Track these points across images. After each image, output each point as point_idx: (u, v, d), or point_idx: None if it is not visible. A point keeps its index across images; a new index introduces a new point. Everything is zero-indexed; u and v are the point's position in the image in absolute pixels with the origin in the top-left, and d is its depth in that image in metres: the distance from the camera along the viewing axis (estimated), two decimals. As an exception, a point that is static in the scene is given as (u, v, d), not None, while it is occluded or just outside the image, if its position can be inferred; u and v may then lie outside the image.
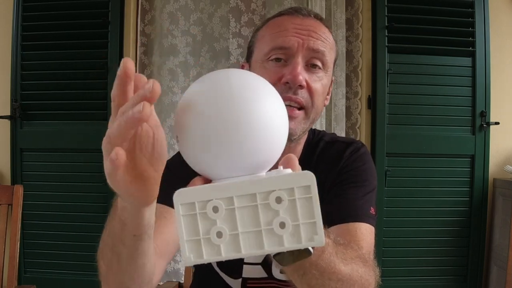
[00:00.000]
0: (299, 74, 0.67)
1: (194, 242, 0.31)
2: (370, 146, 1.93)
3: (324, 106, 0.79)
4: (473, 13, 1.92)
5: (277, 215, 0.31)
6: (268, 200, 0.31)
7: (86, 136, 1.90)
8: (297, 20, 0.72)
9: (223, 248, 0.31)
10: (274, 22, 0.74)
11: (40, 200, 1.90)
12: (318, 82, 0.71)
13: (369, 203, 0.74)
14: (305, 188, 0.31)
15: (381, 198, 1.88)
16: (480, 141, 1.92)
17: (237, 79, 0.36)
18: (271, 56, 0.71)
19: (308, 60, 0.70)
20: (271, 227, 0.31)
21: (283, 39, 0.70)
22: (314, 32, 0.71)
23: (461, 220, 1.93)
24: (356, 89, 1.97)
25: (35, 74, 1.93)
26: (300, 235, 0.31)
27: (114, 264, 0.51)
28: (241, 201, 0.31)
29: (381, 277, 0.61)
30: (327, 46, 0.72)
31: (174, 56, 1.98)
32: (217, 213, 0.30)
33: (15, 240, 1.30)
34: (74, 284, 1.89)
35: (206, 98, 0.35)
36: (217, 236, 0.30)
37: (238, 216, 0.31)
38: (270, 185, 0.31)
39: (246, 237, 0.31)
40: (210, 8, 1.98)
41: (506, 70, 1.99)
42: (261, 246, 0.31)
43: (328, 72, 0.74)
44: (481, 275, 1.94)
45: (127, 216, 0.43)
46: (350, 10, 1.98)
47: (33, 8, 1.91)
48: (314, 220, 0.31)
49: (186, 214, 0.31)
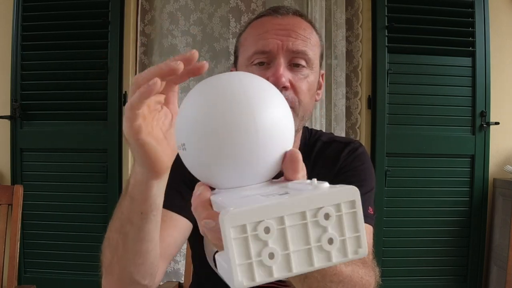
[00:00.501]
0: (281, 76, 0.67)
1: (246, 266, 0.29)
2: (370, 146, 1.93)
3: (316, 101, 0.79)
4: (473, 13, 1.92)
5: (326, 231, 0.31)
6: (317, 217, 0.30)
7: (86, 136, 1.90)
8: (276, 21, 0.72)
9: (275, 269, 0.30)
10: (254, 25, 0.75)
11: (40, 200, 1.90)
12: (303, 80, 0.71)
13: (367, 202, 0.74)
14: (351, 202, 0.31)
15: (381, 198, 1.88)
16: (480, 141, 1.92)
17: (245, 83, 0.36)
18: (254, 61, 0.71)
19: (291, 60, 0.70)
20: (320, 244, 0.31)
21: (263, 43, 0.70)
22: (293, 31, 0.70)
23: (461, 220, 1.93)
24: (356, 89, 1.97)
25: (35, 74, 1.93)
26: (346, 249, 0.31)
27: (120, 247, 0.52)
28: (291, 220, 0.30)
29: (381, 277, 0.61)
30: (308, 44, 0.71)
31: (173, 56, 1.97)
32: (268, 234, 0.30)
33: (15, 240, 1.30)
34: (74, 284, 1.89)
35: (215, 105, 0.34)
36: (269, 258, 0.30)
37: (289, 235, 0.30)
38: (319, 201, 0.30)
39: (297, 255, 0.30)
40: (210, 8, 1.98)
41: (506, 70, 1.99)
42: (311, 263, 0.31)
43: (314, 68, 0.73)
44: (481, 275, 1.94)
45: (137, 191, 0.47)
46: (350, 10, 1.98)
47: (33, 8, 1.91)
48: (359, 233, 0.31)
49: (237, 237, 0.29)
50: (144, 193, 0.47)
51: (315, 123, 1.88)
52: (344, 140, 0.82)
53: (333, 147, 0.80)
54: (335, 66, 1.93)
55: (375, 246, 0.79)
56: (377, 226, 1.90)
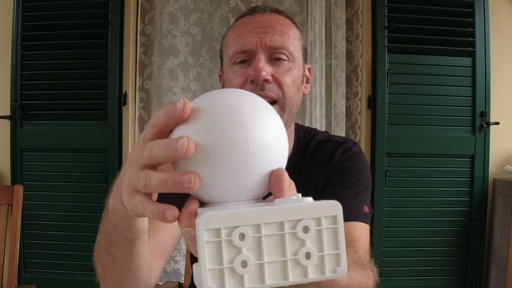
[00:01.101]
0: (261, 69, 0.67)
1: (217, 272, 0.28)
2: (370, 146, 1.93)
3: (304, 95, 0.78)
4: (473, 13, 1.92)
5: (304, 245, 0.30)
6: (296, 229, 0.30)
7: (86, 136, 1.90)
8: (254, 19, 0.73)
9: (247, 278, 0.29)
10: (234, 28, 0.76)
11: (40, 200, 1.90)
12: (286, 73, 0.71)
13: (362, 201, 0.74)
14: (332, 218, 0.30)
15: (381, 198, 1.88)
16: (480, 141, 1.92)
17: (238, 100, 0.34)
18: (236, 60, 0.72)
19: (271, 55, 0.71)
20: (297, 257, 0.30)
21: (243, 42, 0.71)
22: (270, 27, 0.71)
23: (461, 220, 1.93)
24: (356, 89, 1.97)
25: (35, 74, 1.93)
26: (324, 266, 0.30)
27: (109, 266, 0.51)
28: (268, 229, 0.29)
29: (381, 277, 0.61)
30: (286, 38, 0.71)
31: (174, 56, 1.98)
32: (243, 241, 0.29)
33: (15, 240, 1.30)
34: (74, 284, 1.89)
35: (210, 119, 0.33)
36: (241, 266, 0.29)
37: (265, 245, 0.29)
38: (299, 213, 0.30)
39: (271, 267, 0.29)
40: (210, 8, 1.98)
41: (506, 70, 1.99)
42: (286, 277, 0.29)
43: (296, 61, 0.73)
44: (481, 275, 1.94)
45: (118, 220, 0.42)
46: (350, 10, 1.98)
47: (33, 8, 1.91)
48: (339, 251, 0.30)
49: (210, 240, 0.28)
50: (127, 225, 0.43)
51: (315, 123, 1.88)
52: (339, 140, 0.82)
53: (328, 147, 0.80)
54: (335, 66, 1.93)
55: (375, 246, 0.79)
56: (377, 226, 1.90)
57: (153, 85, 2.00)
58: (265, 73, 0.68)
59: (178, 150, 0.29)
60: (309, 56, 1.89)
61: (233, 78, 0.72)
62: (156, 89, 1.99)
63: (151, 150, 0.31)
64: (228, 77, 0.74)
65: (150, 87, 2.00)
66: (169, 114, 0.31)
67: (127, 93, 1.93)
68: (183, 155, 0.29)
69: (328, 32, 1.93)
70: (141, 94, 2.00)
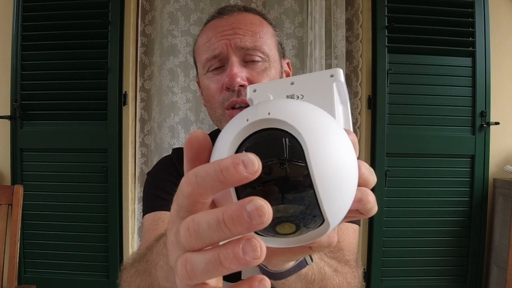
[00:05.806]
0: (235, 75, 0.65)
1: None
2: (370, 146, 1.93)
3: None
4: (473, 13, 1.92)
5: None
6: None
7: (86, 136, 1.90)
8: (221, 22, 0.70)
9: None
10: (202, 33, 0.73)
11: (40, 200, 1.90)
12: (262, 74, 0.68)
13: None
14: None
15: (381, 198, 1.88)
16: (480, 141, 1.92)
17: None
18: (209, 68, 0.70)
19: (244, 57, 0.68)
20: None
21: (212, 47, 0.68)
22: (239, 28, 0.68)
23: (461, 220, 1.93)
24: (356, 89, 1.97)
25: (35, 74, 1.93)
26: None
27: None
28: None
29: (381, 277, 0.61)
30: (258, 38, 0.69)
31: (174, 56, 1.98)
32: None
33: (15, 240, 1.30)
34: (74, 284, 1.89)
35: None
36: None
37: None
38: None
39: None
40: (210, 8, 1.98)
41: (506, 70, 1.99)
42: None
43: (272, 59, 0.70)
44: (481, 275, 1.94)
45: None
46: (350, 10, 1.98)
47: (33, 8, 1.91)
48: None
49: None
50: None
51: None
52: None
53: None
54: (335, 66, 1.93)
55: (375, 246, 0.79)
56: (377, 226, 1.91)
57: (153, 85, 2.00)
58: (239, 79, 0.65)
59: (254, 219, 0.20)
60: (309, 56, 1.89)
61: (210, 85, 0.70)
62: (157, 89, 1.99)
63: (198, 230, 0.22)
64: (205, 84, 0.72)
65: (151, 87, 2.00)
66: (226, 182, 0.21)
67: (127, 93, 1.93)
68: (261, 224, 0.20)
69: (328, 32, 1.93)
70: (141, 94, 2.00)
